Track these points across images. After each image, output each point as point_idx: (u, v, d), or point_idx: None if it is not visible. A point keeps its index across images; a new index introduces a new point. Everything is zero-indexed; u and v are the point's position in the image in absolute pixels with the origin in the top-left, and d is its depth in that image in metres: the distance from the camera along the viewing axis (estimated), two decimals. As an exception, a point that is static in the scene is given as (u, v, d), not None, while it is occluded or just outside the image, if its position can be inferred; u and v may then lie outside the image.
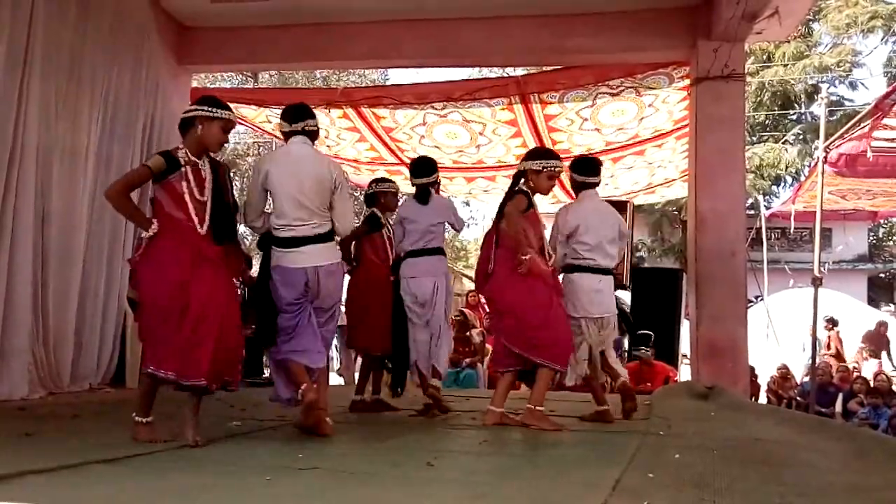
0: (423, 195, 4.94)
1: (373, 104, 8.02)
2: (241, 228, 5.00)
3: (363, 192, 6.67)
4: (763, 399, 10.15)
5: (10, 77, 5.19)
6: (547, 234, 4.65)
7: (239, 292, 3.97)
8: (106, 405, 5.01)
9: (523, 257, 4.16)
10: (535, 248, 4.28)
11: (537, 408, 4.22)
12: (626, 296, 10.33)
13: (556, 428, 4.17)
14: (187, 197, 3.42)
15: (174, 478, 2.67)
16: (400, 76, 34.82)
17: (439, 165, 5.28)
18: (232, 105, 8.40)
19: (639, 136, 8.51)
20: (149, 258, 3.38)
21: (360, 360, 10.01)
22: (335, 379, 9.64)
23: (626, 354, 10.05)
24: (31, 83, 5.34)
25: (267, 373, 9.19)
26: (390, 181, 5.46)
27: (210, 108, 3.52)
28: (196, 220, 3.42)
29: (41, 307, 5.52)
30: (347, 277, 6.27)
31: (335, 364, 10.91)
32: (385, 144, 8.99)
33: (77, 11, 5.79)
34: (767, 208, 13.83)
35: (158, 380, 3.38)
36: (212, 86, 13.69)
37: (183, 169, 3.45)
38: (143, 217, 3.48)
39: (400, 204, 5.32)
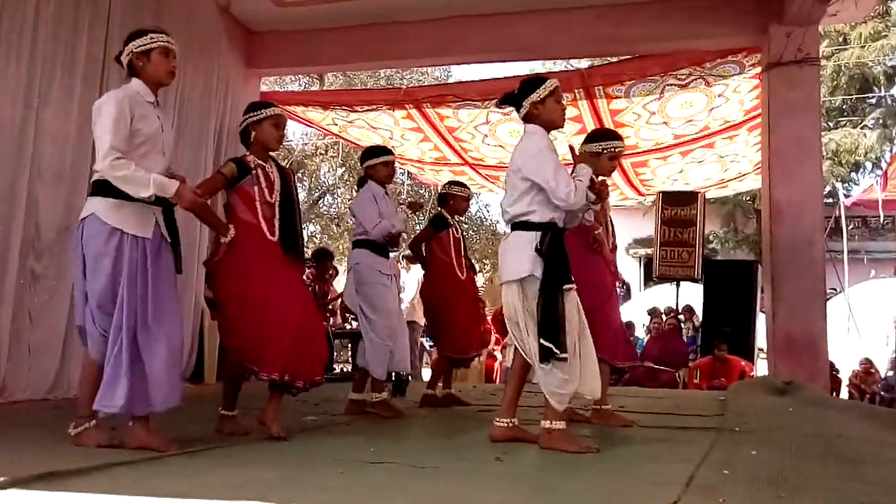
0: None
1: (436, 103, 8.06)
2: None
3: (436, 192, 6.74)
4: (844, 394, 9.78)
5: (90, 81, 5.41)
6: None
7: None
8: (185, 400, 5.15)
9: (595, 233, 4.16)
10: (602, 226, 4.27)
11: (603, 406, 4.19)
12: (697, 289, 10.12)
13: (627, 423, 4.12)
14: (258, 200, 3.55)
15: (251, 471, 2.75)
16: (462, 73, 34.84)
17: (501, 164, 5.29)
18: (299, 108, 8.61)
19: (709, 128, 8.29)
20: (227, 263, 3.53)
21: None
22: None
23: (699, 350, 9.86)
24: (109, 88, 5.56)
25: (338, 368, 9.34)
26: (464, 186, 5.53)
27: (255, 112, 3.66)
28: (265, 225, 3.54)
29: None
30: (420, 279, 6.38)
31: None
32: (448, 144, 9.02)
33: (151, 20, 5.99)
34: (847, 196, 13.27)
35: (241, 375, 3.59)
36: (280, 89, 14.04)
37: (253, 172, 3.59)
38: (220, 223, 3.61)
39: None
